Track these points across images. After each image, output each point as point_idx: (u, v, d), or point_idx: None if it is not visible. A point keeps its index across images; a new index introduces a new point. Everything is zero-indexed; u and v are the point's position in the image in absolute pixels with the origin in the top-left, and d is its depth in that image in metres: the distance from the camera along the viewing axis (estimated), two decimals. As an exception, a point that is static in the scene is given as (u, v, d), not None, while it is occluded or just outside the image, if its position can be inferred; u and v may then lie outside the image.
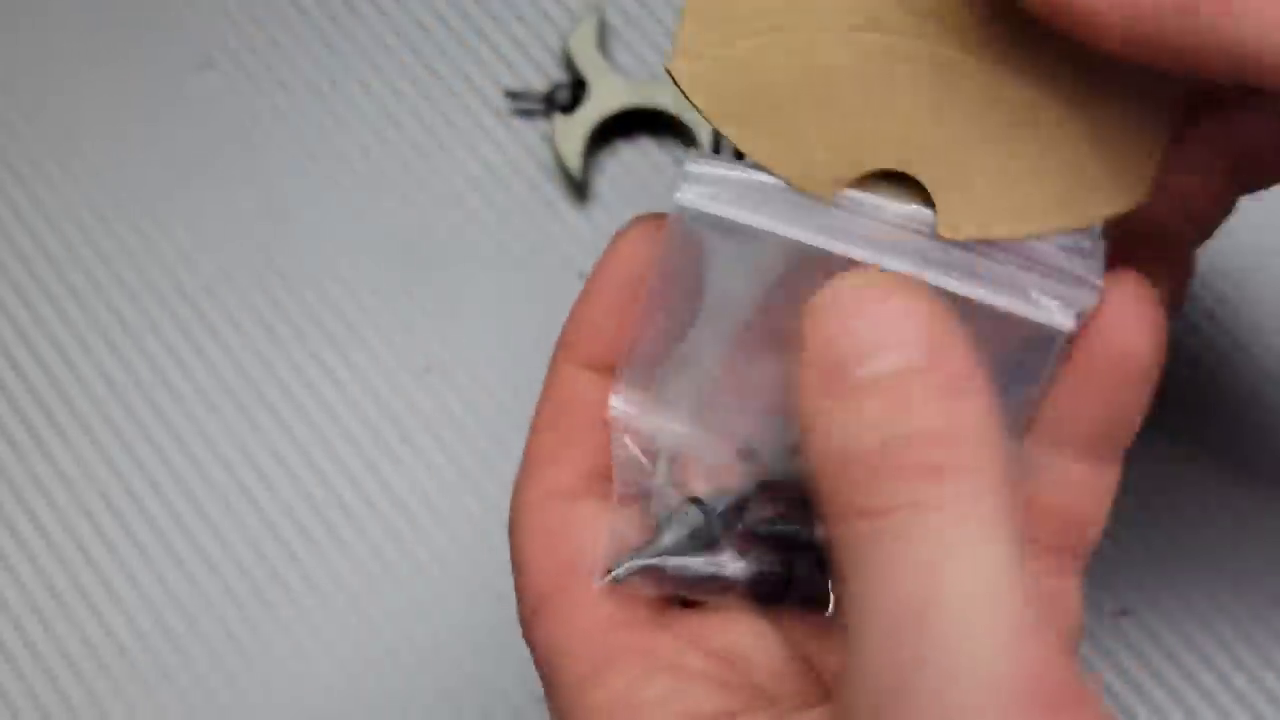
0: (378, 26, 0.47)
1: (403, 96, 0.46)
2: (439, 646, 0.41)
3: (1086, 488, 0.29)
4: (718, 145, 0.44)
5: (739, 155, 0.28)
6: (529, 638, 0.29)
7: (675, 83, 0.27)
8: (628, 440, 0.30)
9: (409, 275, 0.44)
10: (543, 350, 0.44)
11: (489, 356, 0.44)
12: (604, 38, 0.46)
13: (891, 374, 0.24)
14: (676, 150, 0.45)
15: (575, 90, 0.45)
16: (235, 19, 0.47)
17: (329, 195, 0.45)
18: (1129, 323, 0.27)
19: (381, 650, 0.41)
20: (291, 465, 0.43)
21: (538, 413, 0.31)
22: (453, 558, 0.42)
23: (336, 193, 0.45)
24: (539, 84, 0.46)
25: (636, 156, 0.45)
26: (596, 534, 0.29)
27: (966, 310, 0.26)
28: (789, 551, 0.30)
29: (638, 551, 0.29)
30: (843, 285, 0.25)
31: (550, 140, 0.45)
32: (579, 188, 0.45)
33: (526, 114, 0.46)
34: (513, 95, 0.46)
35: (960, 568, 0.23)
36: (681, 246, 0.28)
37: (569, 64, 0.45)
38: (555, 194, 0.45)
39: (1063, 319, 0.27)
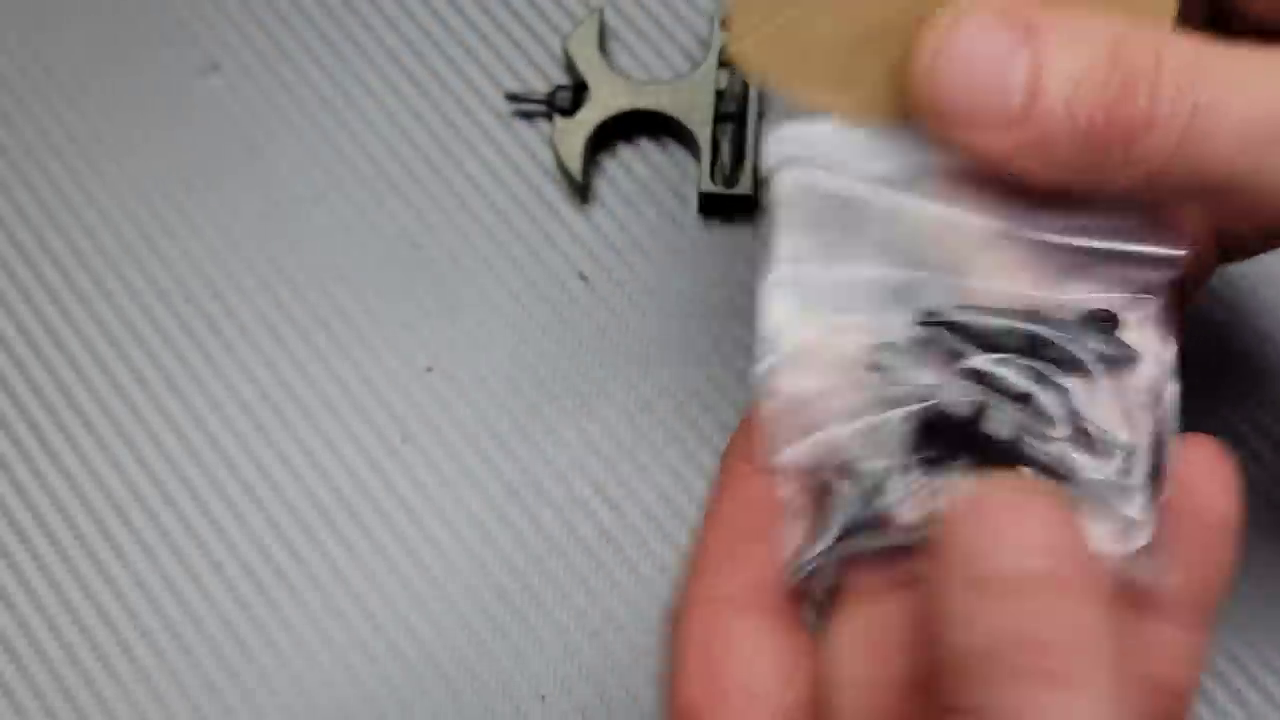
0: (379, 29, 0.47)
1: (404, 99, 0.46)
2: (442, 644, 0.41)
3: (1180, 654, 0.29)
4: (715, 153, 0.44)
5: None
6: None
7: (739, 66, 0.28)
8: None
9: (411, 276, 0.45)
10: (543, 351, 0.44)
11: (490, 356, 0.44)
12: (604, 40, 0.46)
13: (1026, 577, 0.25)
14: (677, 152, 0.45)
15: (576, 92, 0.45)
16: (239, 23, 0.47)
17: (332, 197, 0.45)
18: (1209, 483, 0.29)
19: (384, 648, 0.41)
20: (294, 464, 0.43)
21: (713, 507, 0.30)
22: (455, 556, 0.42)
23: (339, 194, 0.45)
24: (539, 86, 0.46)
25: (637, 158, 0.46)
26: (757, 662, 0.29)
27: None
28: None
29: (809, 545, 0.29)
30: (987, 494, 0.26)
31: (551, 142, 0.45)
32: (580, 189, 0.45)
33: (527, 116, 0.46)
34: (513, 97, 0.46)
35: None
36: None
37: (569, 66, 0.45)
38: (556, 195, 0.45)
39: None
